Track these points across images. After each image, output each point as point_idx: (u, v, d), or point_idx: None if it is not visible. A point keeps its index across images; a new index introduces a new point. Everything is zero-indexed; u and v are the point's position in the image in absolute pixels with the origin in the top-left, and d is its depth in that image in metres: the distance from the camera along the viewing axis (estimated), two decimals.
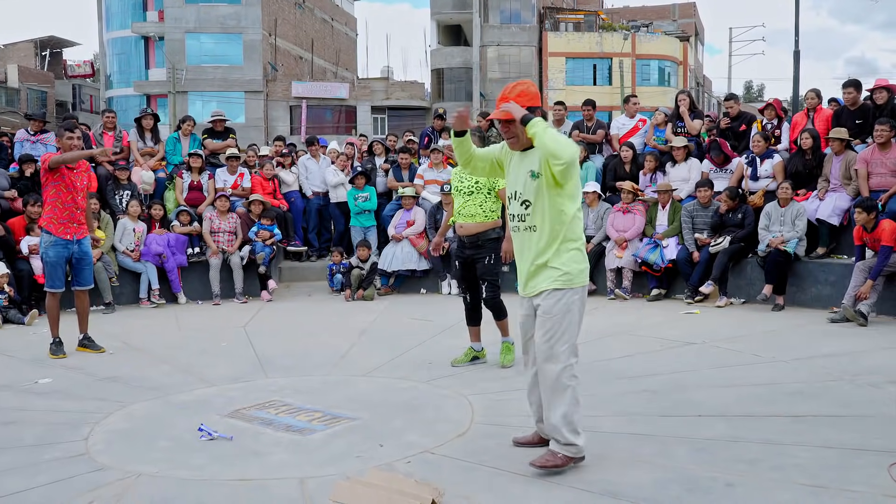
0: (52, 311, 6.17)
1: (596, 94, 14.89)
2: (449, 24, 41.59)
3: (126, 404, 4.75)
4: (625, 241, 8.57)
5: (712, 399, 4.56)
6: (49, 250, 6.07)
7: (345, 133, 34.39)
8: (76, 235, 6.14)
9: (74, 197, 6.08)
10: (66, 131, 6.17)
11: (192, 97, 36.24)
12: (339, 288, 9.20)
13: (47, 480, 3.51)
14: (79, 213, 6.15)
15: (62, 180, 6.01)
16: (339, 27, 48.11)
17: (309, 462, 3.69)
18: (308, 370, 5.61)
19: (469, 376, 5.27)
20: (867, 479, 3.28)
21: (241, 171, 9.88)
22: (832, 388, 4.76)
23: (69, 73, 46.76)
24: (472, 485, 3.34)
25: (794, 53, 19.44)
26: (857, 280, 6.81)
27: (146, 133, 10.04)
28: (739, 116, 9.31)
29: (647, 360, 5.62)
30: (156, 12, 37.77)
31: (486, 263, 5.30)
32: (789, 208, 7.78)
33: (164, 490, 3.38)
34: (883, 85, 8.35)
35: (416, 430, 4.11)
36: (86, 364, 5.84)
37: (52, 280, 6.15)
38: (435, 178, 9.87)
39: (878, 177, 7.58)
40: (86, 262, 6.26)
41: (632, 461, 3.58)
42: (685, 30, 45.39)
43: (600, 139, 9.96)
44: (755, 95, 68.82)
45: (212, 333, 7.14)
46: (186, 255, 9.09)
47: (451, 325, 7.21)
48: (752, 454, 3.61)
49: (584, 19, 41.25)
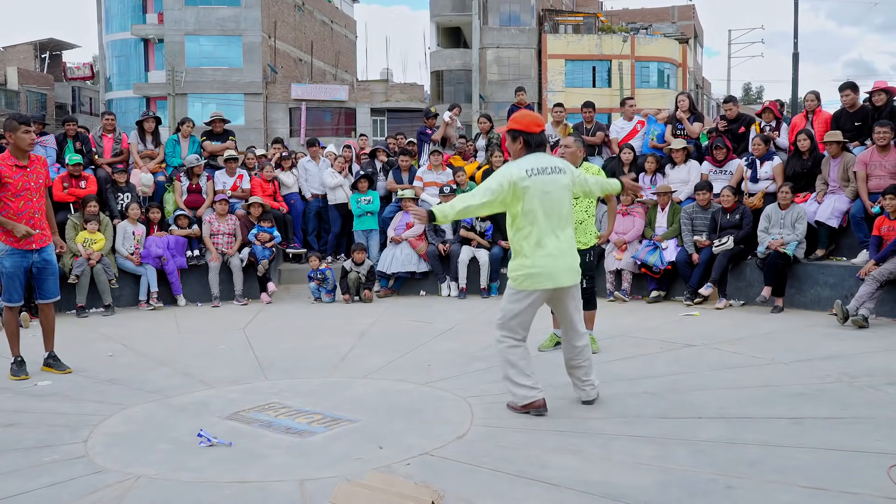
0: (11, 327, 5.64)
1: (595, 96, 14.89)
2: (448, 27, 41.64)
3: (125, 406, 4.74)
4: (624, 244, 8.57)
5: (712, 401, 4.56)
6: (5, 260, 5.44)
7: (344, 135, 34.41)
8: (37, 244, 5.51)
9: (28, 199, 5.44)
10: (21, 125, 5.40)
11: (192, 99, 36.26)
12: (317, 296, 9.02)
13: (46, 483, 3.51)
14: (38, 216, 5.51)
15: (7, 190, 5.34)
16: (339, 29, 48.14)
17: (308, 464, 3.68)
18: (308, 372, 5.61)
19: (468, 378, 5.27)
20: (867, 480, 3.28)
21: (240, 173, 9.88)
22: (832, 389, 4.76)
23: (69, 75, 46.82)
24: (472, 487, 3.34)
25: (793, 55, 19.51)
26: (869, 287, 6.67)
27: (147, 136, 10.04)
28: (738, 119, 9.32)
29: (647, 362, 5.62)
30: (155, 14, 37.79)
31: (587, 260, 5.64)
32: (789, 211, 7.78)
33: (163, 492, 3.38)
34: (882, 87, 8.35)
35: (415, 433, 4.11)
36: (85, 366, 5.83)
37: (9, 293, 5.54)
38: (434, 179, 9.87)
39: (877, 179, 7.59)
40: (49, 272, 5.65)
41: (632, 463, 3.58)
42: (684, 32, 45.47)
43: (600, 141, 9.97)
44: (754, 97, 68.90)
45: (211, 336, 7.13)
46: (186, 257, 9.09)
47: (451, 327, 7.21)
48: (752, 456, 3.61)
49: (583, 21, 41.32)
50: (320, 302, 8.98)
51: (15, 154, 5.46)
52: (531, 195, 4.16)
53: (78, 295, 8.23)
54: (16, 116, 5.51)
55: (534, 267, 4.21)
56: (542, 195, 4.17)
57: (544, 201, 4.19)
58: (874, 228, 7.19)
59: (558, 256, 4.23)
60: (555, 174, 4.24)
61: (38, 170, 5.56)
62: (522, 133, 4.27)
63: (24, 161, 5.47)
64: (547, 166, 4.23)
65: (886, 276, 6.69)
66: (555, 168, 4.26)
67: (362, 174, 10.17)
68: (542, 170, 4.20)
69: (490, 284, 9.04)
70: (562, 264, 4.25)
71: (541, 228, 4.20)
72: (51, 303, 5.76)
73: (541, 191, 4.17)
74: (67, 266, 8.17)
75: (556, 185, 4.24)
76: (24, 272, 5.57)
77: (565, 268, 4.27)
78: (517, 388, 4.32)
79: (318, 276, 9.02)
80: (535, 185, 4.16)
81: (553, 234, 4.22)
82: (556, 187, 4.23)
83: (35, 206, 5.51)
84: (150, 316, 8.35)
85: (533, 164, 4.20)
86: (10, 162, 5.42)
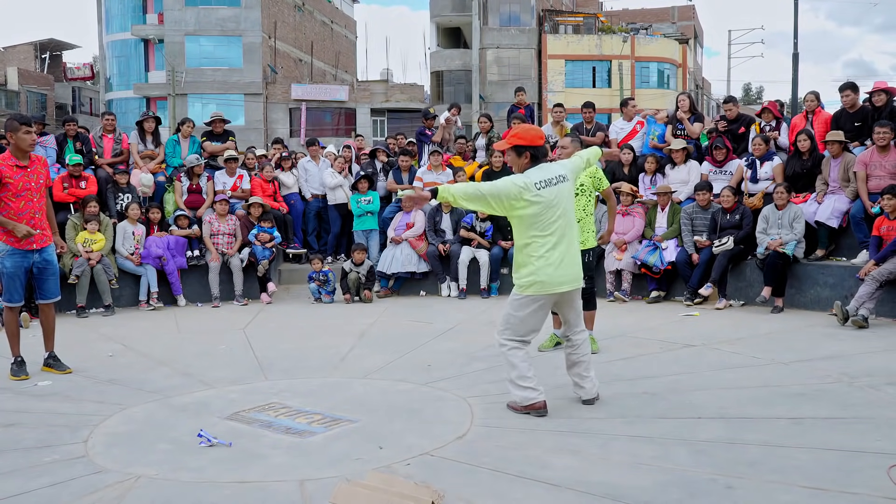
0: (11, 328, 5.64)
1: (595, 97, 14.91)
2: (448, 27, 41.66)
3: (126, 407, 4.75)
4: (624, 244, 8.57)
5: (712, 401, 4.56)
6: (5, 260, 5.44)
7: (344, 135, 34.38)
8: (38, 244, 5.52)
9: (29, 200, 5.45)
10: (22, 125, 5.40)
11: (192, 100, 36.26)
12: (317, 296, 9.04)
13: (47, 483, 3.51)
14: (38, 216, 5.52)
15: (7, 190, 5.36)
16: (339, 30, 48.15)
17: (308, 464, 3.69)
18: (308, 372, 5.61)
19: (468, 378, 5.27)
20: (867, 480, 3.28)
21: (240, 174, 9.88)
22: (832, 390, 4.76)
23: (69, 75, 46.82)
24: (472, 487, 3.34)
25: (793, 56, 19.52)
26: (869, 287, 6.68)
27: (147, 136, 10.03)
28: (738, 119, 9.32)
29: (647, 362, 5.62)
30: (155, 15, 37.78)
31: (586, 260, 5.63)
32: (787, 211, 7.78)
33: (163, 492, 3.38)
34: (882, 87, 8.35)
35: (415, 433, 4.11)
36: (85, 366, 5.83)
37: (9, 293, 5.55)
38: (434, 179, 9.87)
39: (877, 179, 7.59)
40: (50, 272, 5.65)
41: (632, 463, 3.58)
42: (684, 32, 45.50)
43: (600, 141, 9.93)
44: (754, 98, 68.92)
45: (211, 336, 7.13)
46: (186, 257, 9.09)
47: (451, 327, 7.21)
48: (752, 456, 3.61)
49: (583, 22, 41.34)
50: (320, 302, 8.98)
51: (15, 154, 5.46)
52: (541, 207, 4.25)
53: (78, 295, 8.24)
54: (16, 117, 5.51)
55: (541, 275, 4.29)
56: (549, 206, 4.27)
57: (552, 212, 4.29)
58: (874, 229, 7.19)
59: (565, 265, 4.34)
60: (560, 183, 4.34)
61: (39, 170, 5.56)
62: (529, 148, 4.35)
63: (25, 161, 5.47)
64: (552, 177, 4.32)
65: (886, 276, 6.69)
66: (559, 177, 4.36)
67: (362, 174, 10.17)
68: (549, 181, 4.29)
69: (490, 285, 9.05)
70: (568, 272, 4.37)
71: (548, 238, 4.29)
72: (51, 303, 5.76)
73: (548, 202, 4.27)
74: (67, 266, 8.17)
75: (563, 195, 4.36)
76: (24, 272, 5.57)
77: (572, 275, 4.40)
78: (519, 389, 4.38)
79: (320, 278, 9.03)
80: (544, 198, 4.25)
81: (560, 243, 4.32)
82: (563, 197, 4.35)
83: (36, 206, 5.51)
84: (150, 316, 8.35)
85: (540, 176, 4.29)
86: (10, 162, 5.43)
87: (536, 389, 4.36)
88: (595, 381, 4.61)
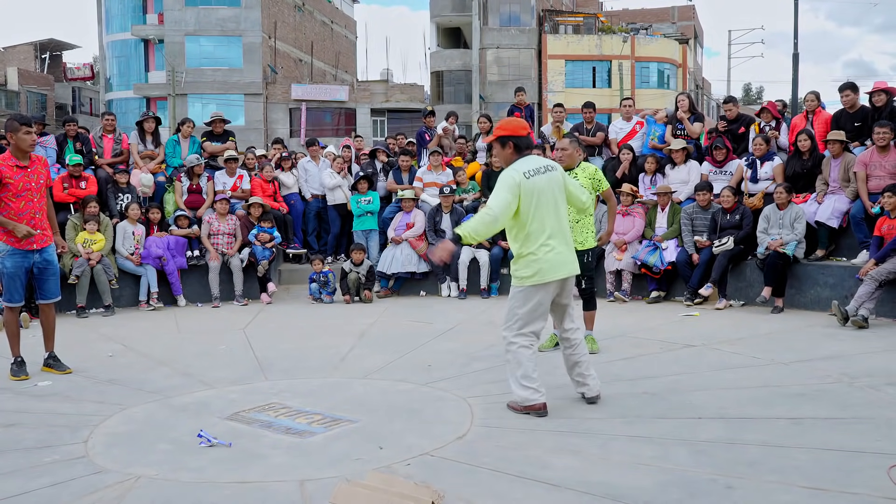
0: (11, 328, 5.63)
1: (595, 97, 14.93)
2: (448, 27, 41.65)
3: (126, 407, 4.75)
4: (624, 244, 8.57)
5: (712, 401, 4.56)
6: (6, 260, 5.43)
7: (344, 136, 34.37)
8: (38, 244, 5.51)
9: (29, 200, 5.44)
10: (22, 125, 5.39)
11: (192, 100, 36.27)
12: (317, 296, 9.03)
13: (47, 483, 3.51)
14: (38, 217, 5.51)
15: (8, 190, 5.35)
16: (339, 30, 48.15)
17: (308, 464, 3.69)
18: (308, 372, 5.61)
19: (468, 378, 5.27)
20: (867, 481, 3.28)
21: (240, 174, 9.88)
22: (831, 390, 4.76)
23: (69, 75, 46.82)
24: (472, 487, 3.34)
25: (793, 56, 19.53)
26: (868, 287, 6.68)
27: (147, 136, 10.04)
28: (738, 119, 9.32)
29: (647, 363, 5.62)
30: (155, 15, 37.79)
31: (585, 260, 5.67)
32: (787, 211, 7.78)
33: (163, 492, 3.38)
34: (882, 87, 8.35)
35: (415, 433, 4.11)
36: (85, 367, 5.83)
37: (9, 293, 5.53)
38: (434, 180, 9.88)
39: (877, 179, 7.59)
40: (50, 272, 5.65)
41: (632, 463, 3.58)
42: (684, 32, 45.50)
43: (600, 141, 9.97)
44: (754, 98, 68.94)
45: (211, 336, 7.13)
46: (186, 257, 9.09)
47: (451, 327, 7.22)
48: (752, 456, 3.62)
49: (583, 22, 41.34)
50: (320, 302, 8.98)
51: (16, 154, 5.46)
52: (531, 195, 4.28)
53: (78, 295, 8.24)
54: (17, 117, 5.51)
55: (539, 262, 4.30)
56: (541, 194, 4.31)
57: (543, 199, 4.32)
58: (875, 229, 7.19)
59: (561, 250, 4.36)
60: (548, 172, 4.40)
61: (39, 170, 5.55)
62: (511, 138, 4.39)
63: (25, 161, 5.46)
64: (540, 166, 4.38)
65: (885, 276, 6.69)
66: (547, 167, 4.42)
67: (362, 175, 10.17)
68: (537, 170, 4.34)
69: (490, 285, 9.05)
70: (565, 258, 4.39)
71: (542, 225, 4.31)
72: (51, 303, 5.75)
73: (539, 190, 4.30)
74: (67, 266, 8.18)
75: (553, 183, 4.40)
76: (25, 272, 5.56)
77: (568, 260, 4.43)
78: (522, 389, 4.37)
79: (321, 279, 9.03)
80: (534, 186, 4.29)
81: (554, 230, 4.35)
82: (553, 185, 4.40)
83: (36, 206, 5.51)
84: (150, 316, 8.36)
85: (528, 166, 4.34)
86: (10, 162, 5.43)
87: (539, 391, 4.36)
88: (597, 380, 4.63)
